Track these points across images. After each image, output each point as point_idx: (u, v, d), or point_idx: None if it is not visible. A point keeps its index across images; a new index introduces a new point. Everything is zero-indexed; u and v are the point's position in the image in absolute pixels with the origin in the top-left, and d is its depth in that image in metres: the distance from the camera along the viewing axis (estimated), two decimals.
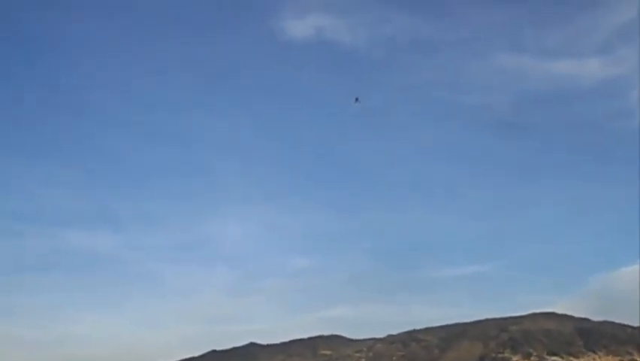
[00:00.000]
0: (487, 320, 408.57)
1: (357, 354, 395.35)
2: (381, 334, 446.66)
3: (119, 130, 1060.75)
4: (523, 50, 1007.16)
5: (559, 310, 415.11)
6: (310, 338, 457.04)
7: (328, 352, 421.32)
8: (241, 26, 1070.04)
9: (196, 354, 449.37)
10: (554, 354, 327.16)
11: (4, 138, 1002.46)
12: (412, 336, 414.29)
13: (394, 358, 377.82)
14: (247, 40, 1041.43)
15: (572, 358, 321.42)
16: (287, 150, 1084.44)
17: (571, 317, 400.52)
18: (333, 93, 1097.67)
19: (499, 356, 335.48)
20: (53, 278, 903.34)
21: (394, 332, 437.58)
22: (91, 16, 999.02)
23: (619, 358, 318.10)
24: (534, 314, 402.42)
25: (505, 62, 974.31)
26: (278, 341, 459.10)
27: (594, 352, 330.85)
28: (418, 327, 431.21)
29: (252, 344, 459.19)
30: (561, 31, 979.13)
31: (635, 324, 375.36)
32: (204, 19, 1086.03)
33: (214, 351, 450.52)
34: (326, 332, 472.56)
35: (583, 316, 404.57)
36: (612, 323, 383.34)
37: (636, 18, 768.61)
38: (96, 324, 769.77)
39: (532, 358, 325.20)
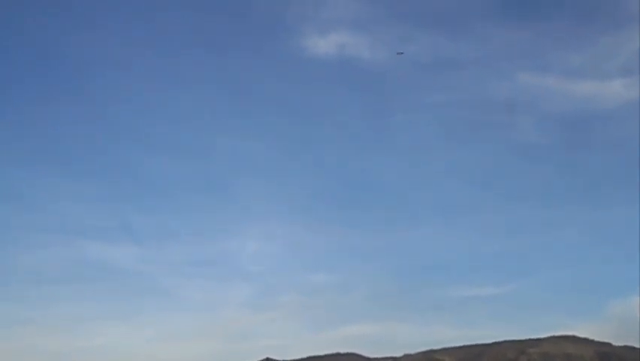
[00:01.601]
0: (505, 342, 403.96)
1: None
2: (398, 353, 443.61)
3: (141, 145, 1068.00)
4: (547, 70, 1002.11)
5: (579, 334, 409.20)
6: (327, 356, 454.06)
7: None
8: (263, 43, 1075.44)
9: None
10: None
11: (28, 151, 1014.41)
12: (429, 356, 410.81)
13: None
14: (269, 56, 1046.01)
15: None
16: (308, 167, 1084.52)
17: (591, 341, 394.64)
18: (355, 112, 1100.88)
19: None
20: (74, 290, 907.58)
21: (411, 352, 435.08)
22: (114, 29, 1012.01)
23: None
24: (554, 337, 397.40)
25: (528, 81, 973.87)
26: (294, 358, 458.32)
27: None
28: (435, 347, 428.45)
29: (268, 360, 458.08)
30: (584, 52, 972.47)
31: None
32: (226, 35, 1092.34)
33: None
34: (343, 350, 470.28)
35: (604, 340, 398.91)
36: (634, 348, 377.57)
37: None
38: (115, 337, 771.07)
39: None
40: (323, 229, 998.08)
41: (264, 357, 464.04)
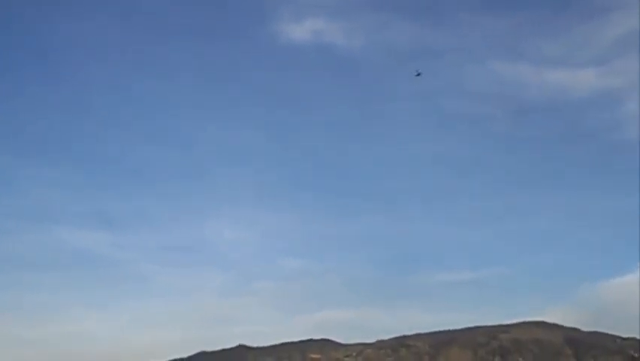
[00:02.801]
0: (477, 328, 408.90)
1: (347, 359, 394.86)
2: (371, 339, 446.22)
3: (118, 130, 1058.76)
4: (522, 58, 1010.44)
5: (549, 320, 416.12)
6: (300, 342, 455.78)
7: (318, 356, 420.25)
8: (240, 29, 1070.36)
9: (185, 355, 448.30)
10: None
11: (4, 138, 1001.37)
12: (401, 342, 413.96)
13: None
14: (246, 42, 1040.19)
15: None
16: (284, 154, 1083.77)
17: (561, 327, 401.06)
18: (332, 100, 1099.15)
19: None
20: (49, 276, 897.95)
21: (384, 338, 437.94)
22: (92, 17, 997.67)
23: None
24: (524, 323, 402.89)
25: (503, 70, 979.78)
26: (268, 344, 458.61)
27: None
28: (408, 333, 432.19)
29: (241, 347, 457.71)
30: (559, 41, 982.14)
31: (625, 335, 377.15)
32: (203, 22, 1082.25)
33: (203, 353, 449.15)
34: (316, 336, 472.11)
35: (573, 326, 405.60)
36: (602, 334, 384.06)
37: (634, 30, 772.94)
38: (90, 323, 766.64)
39: None
40: (299, 216, 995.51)
41: (238, 343, 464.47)
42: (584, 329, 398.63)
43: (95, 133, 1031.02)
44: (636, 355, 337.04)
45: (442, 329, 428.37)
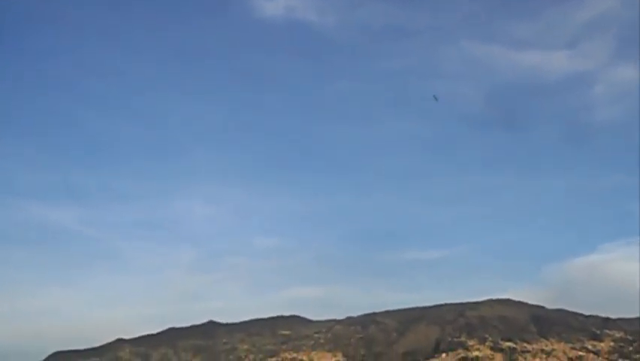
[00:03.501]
0: (445, 305, 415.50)
1: (317, 335, 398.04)
2: (340, 316, 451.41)
3: (87, 105, 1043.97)
4: (495, 40, 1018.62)
5: (515, 298, 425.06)
6: (270, 318, 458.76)
7: (287, 332, 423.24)
8: (212, 5, 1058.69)
9: (155, 331, 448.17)
10: (509, 340, 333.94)
11: None
12: (370, 318, 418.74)
13: (352, 340, 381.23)
14: (217, 18, 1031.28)
15: (525, 344, 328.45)
16: (257, 132, 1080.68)
17: (526, 304, 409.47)
18: (305, 77, 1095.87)
19: (455, 340, 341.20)
20: (17, 252, 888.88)
21: (354, 314, 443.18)
22: None
23: (570, 345, 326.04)
24: (491, 300, 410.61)
25: (476, 51, 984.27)
26: (237, 320, 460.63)
27: (547, 338, 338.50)
28: (377, 310, 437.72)
29: (211, 323, 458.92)
30: (531, 24, 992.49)
31: (587, 313, 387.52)
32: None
33: (173, 329, 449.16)
34: (286, 313, 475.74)
35: (538, 303, 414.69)
36: (565, 311, 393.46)
37: (605, 13, 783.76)
38: (59, 299, 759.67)
39: (487, 343, 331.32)
40: (270, 193, 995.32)
41: (208, 319, 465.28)
42: (549, 306, 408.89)
43: (61, 106, 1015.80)
44: (598, 332, 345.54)
45: (410, 306, 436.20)
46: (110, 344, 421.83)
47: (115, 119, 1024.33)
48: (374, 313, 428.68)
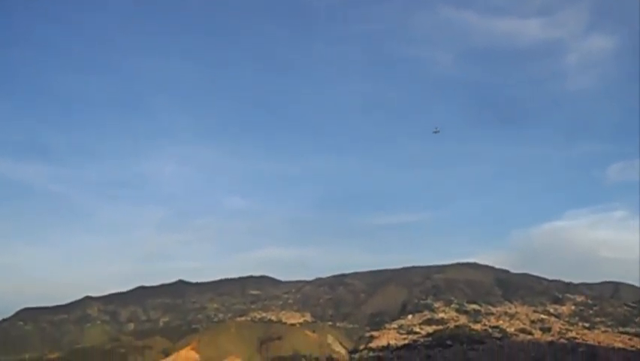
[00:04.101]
0: (413, 268, 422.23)
1: (286, 295, 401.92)
2: (310, 277, 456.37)
3: (53, 61, 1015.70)
4: (469, 6, 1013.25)
5: (481, 262, 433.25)
6: (240, 278, 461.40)
7: (257, 292, 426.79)
8: None
9: (124, 289, 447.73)
10: (474, 302, 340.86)
11: None
12: (339, 280, 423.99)
13: (321, 300, 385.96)
14: None
15: (490, 307, 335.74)
16: (228, 92, 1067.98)
17: (492, 268, 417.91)
18: (277, 37, 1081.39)
19: (422, 302, 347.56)
20: None
21: (323, 276, 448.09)
22: None
23: (533, 308, 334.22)
24: (457, 264, 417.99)
25: (450, 16, 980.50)
26: (207, 280, 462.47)
27: (511, 302, 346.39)
28: (346, 271, 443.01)
29: (181, 282, 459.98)
30: None
31: (551, 277, 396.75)
32: None
33: (142, 287, 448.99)
34: (256, 273, 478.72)
35: (503, 268, 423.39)
36: (529, 276, 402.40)
37: None
38: (24, 256, 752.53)
39: (452, 305, 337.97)
40: (241, 154, 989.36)
41: (178, 279, 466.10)
42: (514, 271, 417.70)
43: (27, 62, 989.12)
44: (561, 296, 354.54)
45: (378, 268, 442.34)
46: (78, 301, 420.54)
47: (84, 77, 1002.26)
48: (343, 275, 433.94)
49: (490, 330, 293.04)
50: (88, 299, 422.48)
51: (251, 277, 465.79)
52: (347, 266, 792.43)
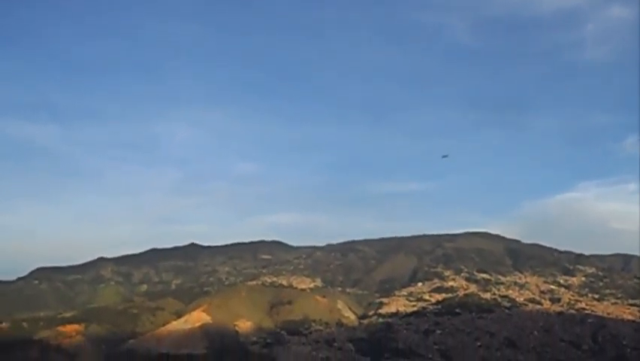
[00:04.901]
0: (423, 236, 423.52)
1: (297, 260, 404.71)
2: (321, 243, 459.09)
3: (63, 21, 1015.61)
4: None
5: (492, 231, 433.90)
6: (251, 243, 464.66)
7: (268, 257, 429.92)
8: None
9: (137, 251, 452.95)
10: (484, 272, 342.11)
11: None
12: (350, 247, 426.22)
13: (332, 266, 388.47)
14: None
15: (499, 276, 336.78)
16: (241, 56, 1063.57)
17: (502, 238, 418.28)
18: (288, 3, 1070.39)
19: (432, 270, 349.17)
20: None
21: (334, 242, 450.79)
22: None
23: (543, 279, 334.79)
24: (468, 233, 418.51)
25: None
26: (219, 244, 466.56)
27: (521, 272, 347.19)
28: (357, 238, 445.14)
29: (193, 245, 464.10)
30: None
31: (562, 248, 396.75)
32: None
33: (154, 249, 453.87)
34: (267, 238, 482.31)
35: (514, 238, 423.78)
36: (540, 246, 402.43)
37: None
38: (35, 216, 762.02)
39: (462, 274, 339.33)
40: (252, 118, 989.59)
41: (190, 242, 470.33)
42: (525, 241, 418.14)
43: (37, 21, 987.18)
44: (571, 267, 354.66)
45: (389, 236, 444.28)
46: (92, 262, 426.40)
47: (96, 39, 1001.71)
48: (353, 242, 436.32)
49: (499, 299, 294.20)
50: (101, 260, 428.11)
51: (262, 241, 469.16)
52: (358, 233, 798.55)
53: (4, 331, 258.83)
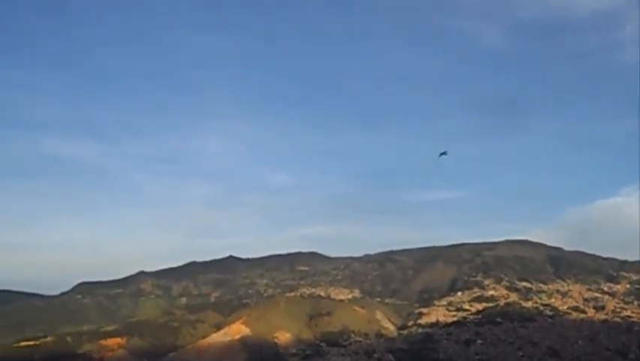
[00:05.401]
0: (462, 245, 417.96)
1: (334, 271, 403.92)
2: (358, 253, 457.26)
3: (105, 40, 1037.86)
4: None
5: (533, 239, 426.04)
6: (289, 254, 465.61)
7: (305, 268, 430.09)
8: None
9: (176, 265, 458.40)
10: (525, 280, 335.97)
11: None
12: (388, 257, 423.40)
13: (369, 276, 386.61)
14: None
15: (541, 284, 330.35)
16: (273, 68, 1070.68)
17: (544, 246, 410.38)
18: (319, 6, 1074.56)
19: (472, 279, 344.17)
20: (36, 184, 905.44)
21: (371, 252, 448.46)
22: None
23: (586, 286, 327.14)
24: (508, 241, 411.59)
25: None
26: (257, 256, 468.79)
27: (563, 280, 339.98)
28: (394, 248, 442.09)
29: (231, 258, 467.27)
30: None
31: (605, 255, 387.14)
32: None
33: (193, 263, 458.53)
34: (304, 249, 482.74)
35: (555, 245, 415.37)
36: (583, 253, 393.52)
37: None
38: (75, 231, 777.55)
39: (503, 283, 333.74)
40: (286, 130, 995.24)
41: (228, 255, 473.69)
42: (567, 248, 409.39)
43: (81, 41, 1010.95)
44: (615, 274, 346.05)
45: (427, 245, 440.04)
46: (132, 276, 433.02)
47: (130, 55, 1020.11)
48: (391, 252, 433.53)
49: (541, 308, 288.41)
50: (142, 274, 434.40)
51: (299, 253, 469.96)
52: (394, 243, 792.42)
53: (49, 345, 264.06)
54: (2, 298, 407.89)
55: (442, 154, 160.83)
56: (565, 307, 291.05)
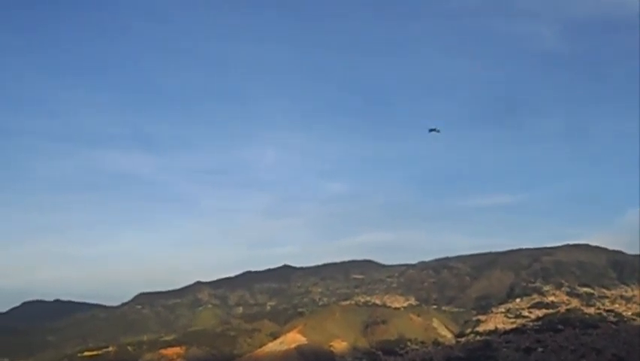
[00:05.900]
0: (519, 250, 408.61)
1: (389, 279, 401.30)
2: (413, 260, 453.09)
3: (156, 55, 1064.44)
4: None
5: (593, 243, 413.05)
6: (343, 263, 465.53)
7: (360, 276, 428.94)
8: None
9: (232, 275, 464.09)
10: (586, 285, 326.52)
11: (41, 58, 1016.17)
12: (443, 264, 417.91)
13: (425, 284, 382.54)
14: None
15: (603, 290, 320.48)
16: (324, 77, 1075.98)
17: (605, 250, 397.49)
18: (367, 17, 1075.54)
19: (530, 285, 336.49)
20: (90, 198, 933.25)
21: (426, 259, 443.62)
22: None
23: None
24: (567, 246, 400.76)
25: None
26: (311, 265, 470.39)
27: (627, 284, 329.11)
28: (450, 255, 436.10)
29: (286, 267, 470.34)
30: None
31: None
32: None
33: (249, 272, 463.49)
34: (359, 257, 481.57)
35: (617, 249, 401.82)
36: None
37: None
38: (134, 243, 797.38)
39: (563, 288, 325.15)
40: (339, 138, 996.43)
41: (283, 264, 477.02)
42: (629, 252, 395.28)
43: (132, 56, 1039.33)
44: None
45: (483, 251, 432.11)
46: (190, 286, 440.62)
47: (184, 69, 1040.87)
48: (447, 258, 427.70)
49: (604, 314, 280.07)
50: (199, 284, 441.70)
51: (353, 261, 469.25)
52: (450, 249, 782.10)
53: (111, 355, 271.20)
54: (66, 309, 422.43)
55: (431, 130, 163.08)
56: (629, 313, 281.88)
